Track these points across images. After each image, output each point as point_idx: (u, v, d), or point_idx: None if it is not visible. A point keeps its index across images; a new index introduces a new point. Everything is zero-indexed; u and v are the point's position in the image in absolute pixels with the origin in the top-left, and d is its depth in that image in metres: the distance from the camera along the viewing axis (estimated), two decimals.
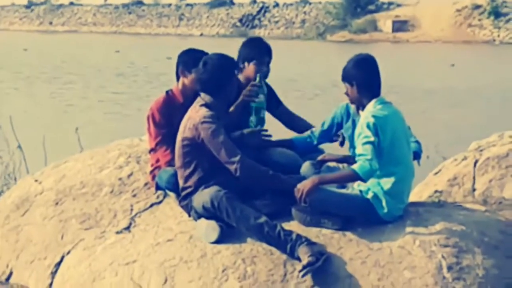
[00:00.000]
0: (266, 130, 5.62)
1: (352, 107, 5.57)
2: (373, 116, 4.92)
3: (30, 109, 21.34)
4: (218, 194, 4.92)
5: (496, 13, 63.76)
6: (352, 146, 5.57)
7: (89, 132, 12.95)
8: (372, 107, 5.00)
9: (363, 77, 5.04)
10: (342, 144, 5.61)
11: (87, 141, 9.19)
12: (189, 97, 5.60)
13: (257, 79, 5.56)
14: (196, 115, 5.11)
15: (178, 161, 5.24)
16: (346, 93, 5.15)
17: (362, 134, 4.90)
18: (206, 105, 5.16)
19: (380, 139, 4.90)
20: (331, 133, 5.69)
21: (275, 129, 5.98)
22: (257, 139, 5.52)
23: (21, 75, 32.78)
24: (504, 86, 28.06)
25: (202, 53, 5.64)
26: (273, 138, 5.70)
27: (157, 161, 5.73)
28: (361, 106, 5.15)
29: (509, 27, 62.76)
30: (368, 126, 4.89)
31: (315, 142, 5.73)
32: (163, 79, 28.11)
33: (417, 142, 5.52)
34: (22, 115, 18.63)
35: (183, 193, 5.24)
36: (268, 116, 5.90)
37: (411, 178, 5.18)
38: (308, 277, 4.62)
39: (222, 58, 5.24)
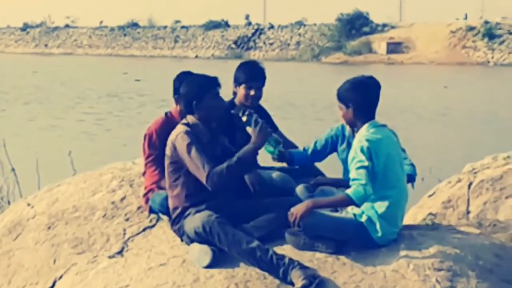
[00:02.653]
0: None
1: (348, 129, 5.56)
2: (367, 140, 4.91)
3: (22, 132, 21.34)
4: (209, 219, 4.90)
5: (490, 35, 64.17)
6: (346, 169, 5.55)
7: (82, 155, 12.93)
8: (365, 131, 4.99)
9: (360, 100, 5.02)
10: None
11: (80, 164, 9.18)
12: None
13: (244, 118, 5.30)
14: (173, 133, 5.17)
15: (166, 183, 5.25)
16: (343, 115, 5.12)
17: (356, 158, 4.89)
18: (186, 124, 5.20)
19: (374, 163, 4.88)
20: (324, 152, 5.68)
21: None
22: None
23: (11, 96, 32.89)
24: (497, 108, 28.15)
25: (215, 79, 5.65)
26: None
27: (151, 184, 5.72)
28: (355, 128, 5.13)
29: (503, 49, 63.11)
30: (362, 150, 4.88)
31: (307, 161, 5.70)
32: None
33: (412, 165, 5.51)
34: (16, 137, 18.62)
35: (173, 215, 5.23)
36: None
37: (405, 201, 5.16)
38: None
39: (194, 78, 5.30)
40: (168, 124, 5.73)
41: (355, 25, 71.40)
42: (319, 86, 35.17)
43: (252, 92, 5.73)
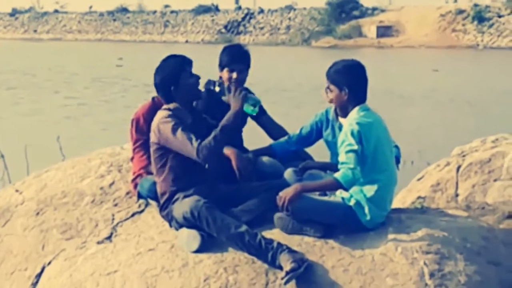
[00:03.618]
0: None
1: (331, 113, 5.55)
2: (358, 124, 4.91)
3: (12, 117, 21.28)
4: (197, 204, 4.90)
5: (479, 18, 64.19)
6: (333, 153, 5.56)
7: (75, 141, 12.91)
8: (356, 114, 4.99)
9: (355, 84, 5.03)
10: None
11: (72, 150, 9.16)
12: None
13: (216, 89, 5.29)
14: (156, 118, 5.17)
15: (153, 169, 5.25)
16: (328, 95, 5.10)
17: (346, 141, 4.89)
18: (167, 109, 5.20)
19: (364, 147, 4.88)
20: (310, 139, 5.67)
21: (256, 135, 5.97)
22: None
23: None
24: (487, 91, 28.20)
25: (185, 59, 5.63)
26: (253, 146, 5.69)
27: (139, 169, 5.71)
28: (344, 111, 5.13)
29: (493, 32, 63.17)
30: (352, 134, 4.87)
31: (293, 148, 5.71)
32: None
33: (396, 147, 5.52)
34: (6, 123, 18.56)
35: (161, 200, 5.23)
36: (250, 123, 5.89)
37: (394, 185, 5.17)
38: (290, 285, 4.59)
39: (164, 64, 5.25)
40: (155, 108, 5.70)
41: (345, 9, 71.29)
42: (309, 70, 35.12)
43: (234, 75, 5.69)
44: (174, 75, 5.17)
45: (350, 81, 5.02)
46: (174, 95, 5.19)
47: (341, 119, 5.30)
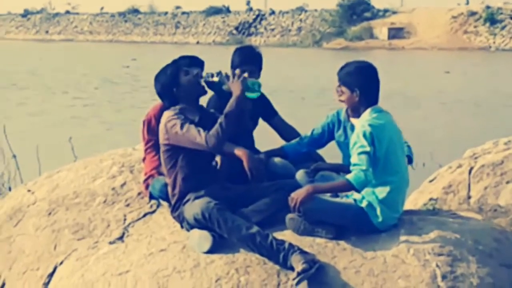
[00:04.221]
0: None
1: (343, 114, 5.54)
2: (370, 125, 4.89)
3: (24, 118, 21.36)
4: (208, 205, 4.90)
5: (491, 20, 63.98)
6: (345, 154, 5.55)
7: (83, 141, 12.93)
8: (368, 116, 4.98)
9: (366, 85, 5.02)
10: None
11: (81, 150, 9.19)
12: None
13: (215, 79, 5.28)
14: (163, 118, 5.20)
15: (164, 170, 5.27)
16: (339, 95, 5.10)
17: (358, 143, 4.87)
18: (174, 109, 5.24)
19: (376, 149, 4.87)
20: (322, 140, 5.67)
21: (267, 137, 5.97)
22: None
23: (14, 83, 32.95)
24: (499, 93, 28.10)
25: (195, 59, 5.65)
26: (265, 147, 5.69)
27: (151, 169, 5.72)
28: (356, 112, 5.12)
29: (505, 34, 62.96)
30: (364, 135, 4.86)
31: (304, 150, 5.71)
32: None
33: (408, 146, 5.50)
34: (16, 123, 18.63)
35: (172, 201, 5.24)
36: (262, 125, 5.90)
37: (406, 187, 5.16)
38: (302, 286, 4.58)
39: (160, 71, 5.34)
40: (166, 109, 5.72)
41: (356, 11, 71.21)
42: (320, 72, 35.09)
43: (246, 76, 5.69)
44: (172, 77, 5.24)
45: (362, 83, 5.01)
46: (177, 96, 5.23)
47: (352, 120, 5.29)
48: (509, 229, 5.44)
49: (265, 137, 6.06)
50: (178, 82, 5.23)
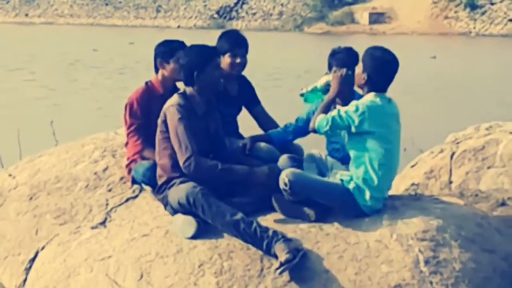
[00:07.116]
0: None
1: None
2: (367, 106, 4.93)
3: (3, 101, 21.17)
4: (194, 190, 4.88)
5: (472, 5, 64.05)
6: (329, 141, 5.56)
7: (64, 125, 12.83)
8: (371, 97, 5.01)
9: (376, 76, 5.04)
10: None
11: (62, 134, 9.12)
12: (169, 88, 5.67)
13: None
14: (168, 102, 5.13)
15: (156, 149, 5.23)
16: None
17: (350, 108, 4.93)
18: (183, 93, 5.15)
19: (363, 128, 4.88)
20: (306, 128, 5.66)
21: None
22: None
23: None
24: (480, 78, 28.21)
25: (178, 42, 5.65)
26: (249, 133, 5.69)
27: (133, 154, 5.69)
28: (360, 88, 5.16)
29: (485, 19, 63.11)
30: (356, 110, 4.89)
31: (290, 137, 5.71)
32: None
33: None
34: None
35: (159, 182, 5.21)
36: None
37: (395, 173, 5.19)
38: (285, 275, 4.59)
39: (195, 48, 5.20)
40: (148, 93, 5.70)
41: None
42: (302, 56, 35.05)
43: (238, 60, 5.74)
44: (202, 61, 5.10)
45: (375, 73, 5.04)
46: (196, 80, 5.13)
47: (357, 89, 5.34)
48: (490, 214, 5.47)
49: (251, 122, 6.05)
50: (203, 69, 5.09)
